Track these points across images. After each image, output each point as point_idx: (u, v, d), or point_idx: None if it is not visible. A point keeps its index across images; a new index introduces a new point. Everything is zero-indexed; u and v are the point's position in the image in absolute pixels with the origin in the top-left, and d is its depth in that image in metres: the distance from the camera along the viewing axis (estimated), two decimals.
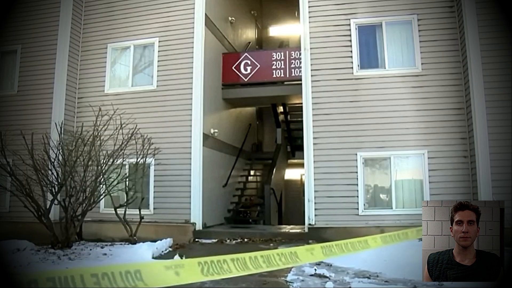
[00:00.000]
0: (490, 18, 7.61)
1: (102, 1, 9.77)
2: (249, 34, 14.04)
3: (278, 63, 10.18)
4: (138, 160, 7.69)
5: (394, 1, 8.32)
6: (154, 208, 8.58)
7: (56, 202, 7.08)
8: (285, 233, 8.46)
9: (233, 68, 10.50)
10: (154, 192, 8.64)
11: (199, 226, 8.42)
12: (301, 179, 13.91)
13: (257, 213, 11.11)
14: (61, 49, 9.29)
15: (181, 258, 6.16)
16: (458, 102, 7.83)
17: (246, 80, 10.42)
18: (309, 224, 8.00)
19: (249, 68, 10.38)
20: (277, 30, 16.11)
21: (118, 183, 7.51)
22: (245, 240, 8.00)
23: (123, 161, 7.48)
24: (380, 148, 8.00)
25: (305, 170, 8.26)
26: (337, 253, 2.75)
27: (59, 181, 7.02)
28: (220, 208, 10.13)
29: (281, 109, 13.06)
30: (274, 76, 10.20)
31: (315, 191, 8.07)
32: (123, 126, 7.50)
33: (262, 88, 10.46)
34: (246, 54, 10.73)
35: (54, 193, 7.05)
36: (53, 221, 7.20)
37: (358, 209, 7.89)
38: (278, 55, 10.26)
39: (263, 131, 15.24)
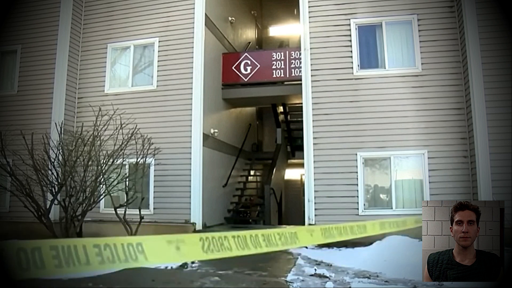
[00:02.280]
0: (490, 18, 7.62)
1: (102, 1, 9.78)
2: (249, 34, 14.03)
3: (278, 63, 10.18)
4: (138, 160, 7.68)
5: (394, 1, 8.32)
6: (154, 208, 8.59)
7: (56, 202, 7.07)
8: None
9: (233, 68, 10.50)
10: (154, 192, 8.64)
11: (199, 226, 8.43)
12: (301, 179, 13.91)
13: (257, 213, 11.11)
14: (61, 49, 9.30)
15: None
16: (458, 102, 7.84)
17: (246, 80, 10.42)
18: (309, 224, 8.00)
19: (249, 68, 10.38)
20: (277, 30, 16.11)
21: (118, 183, 7.50)
22: None
23: (123, 161, 7.47)
24: (380, 148, 8.00)
25: (305, 170, 8.26)
26: (336, 236, 2.84)
27: (59, 181, 7.01)
28: (220, 208, 10.13)
29: (281, 109, 13.05)
30: (274, 76, 10.20)
31: (315, 191, 8.07)
32: (123, 126, 7.49)
33: (262, 88, 10.45)
34: (246, 54, 10.72)
35: (54, 193, 7.04)
36: (53, 221, 7.20)
37: (358, 209, 7.89)
38: (278, 55, 10.26)
39: (263, 131, 15.24)
